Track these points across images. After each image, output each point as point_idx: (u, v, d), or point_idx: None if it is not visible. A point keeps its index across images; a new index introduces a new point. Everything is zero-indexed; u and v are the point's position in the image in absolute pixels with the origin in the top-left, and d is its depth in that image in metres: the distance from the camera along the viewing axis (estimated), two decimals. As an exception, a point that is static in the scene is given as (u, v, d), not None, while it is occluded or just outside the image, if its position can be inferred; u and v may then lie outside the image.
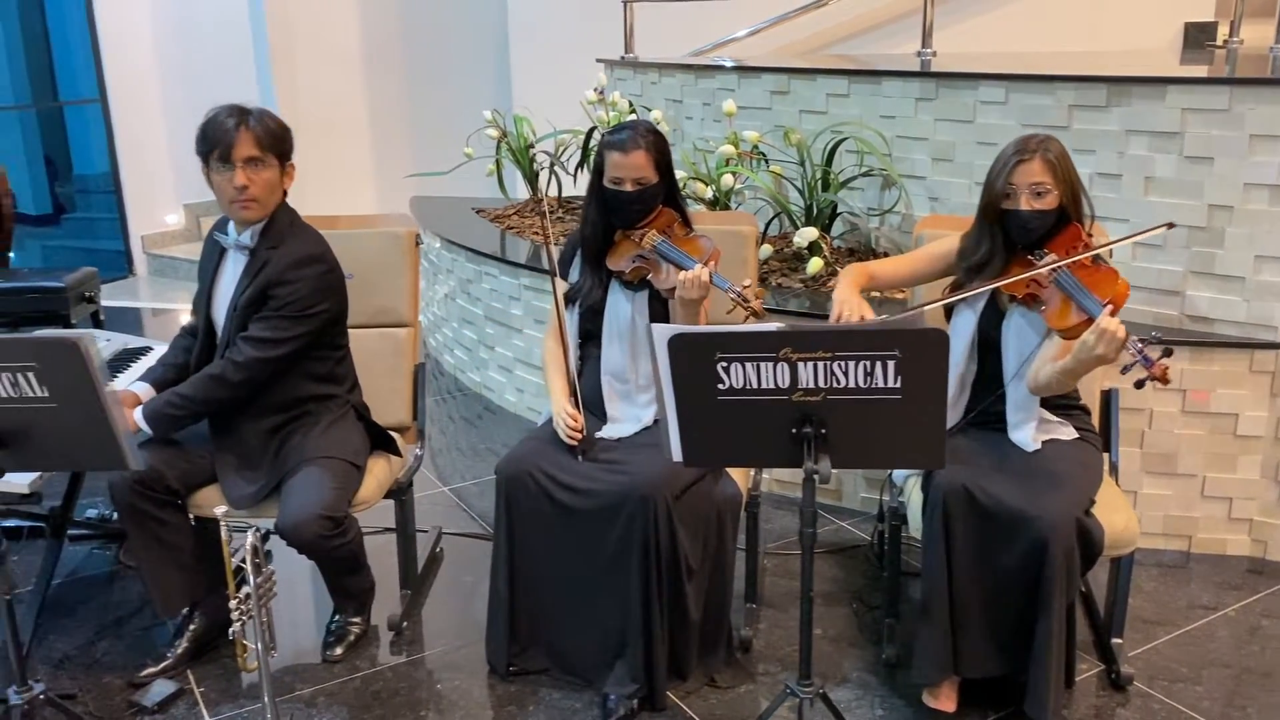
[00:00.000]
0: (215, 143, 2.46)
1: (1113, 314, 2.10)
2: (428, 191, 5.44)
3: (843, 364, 1.81)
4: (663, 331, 1.84)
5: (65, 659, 2.64)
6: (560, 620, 2.48)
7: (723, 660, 2.51)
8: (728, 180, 3.60)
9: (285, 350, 2.47)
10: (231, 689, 2.52)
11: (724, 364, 1.84)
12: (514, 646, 2.52)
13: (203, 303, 2.60)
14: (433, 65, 6.51)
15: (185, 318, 5.98)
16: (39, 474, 2.38)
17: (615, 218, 2.52)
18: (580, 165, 4.46)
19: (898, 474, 2.59)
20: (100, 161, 7.38)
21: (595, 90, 4.50)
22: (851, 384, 1.82)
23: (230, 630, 2.11)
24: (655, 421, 2.51)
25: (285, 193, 2.55)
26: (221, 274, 2.58)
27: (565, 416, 2.45)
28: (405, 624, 2.76)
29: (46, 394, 1.87)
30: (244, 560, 2.10)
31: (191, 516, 2.56)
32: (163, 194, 6.73)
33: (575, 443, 2.43)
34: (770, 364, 1.82)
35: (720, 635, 2.49)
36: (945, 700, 2.32)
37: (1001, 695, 2.36)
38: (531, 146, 4.66)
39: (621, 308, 2.52)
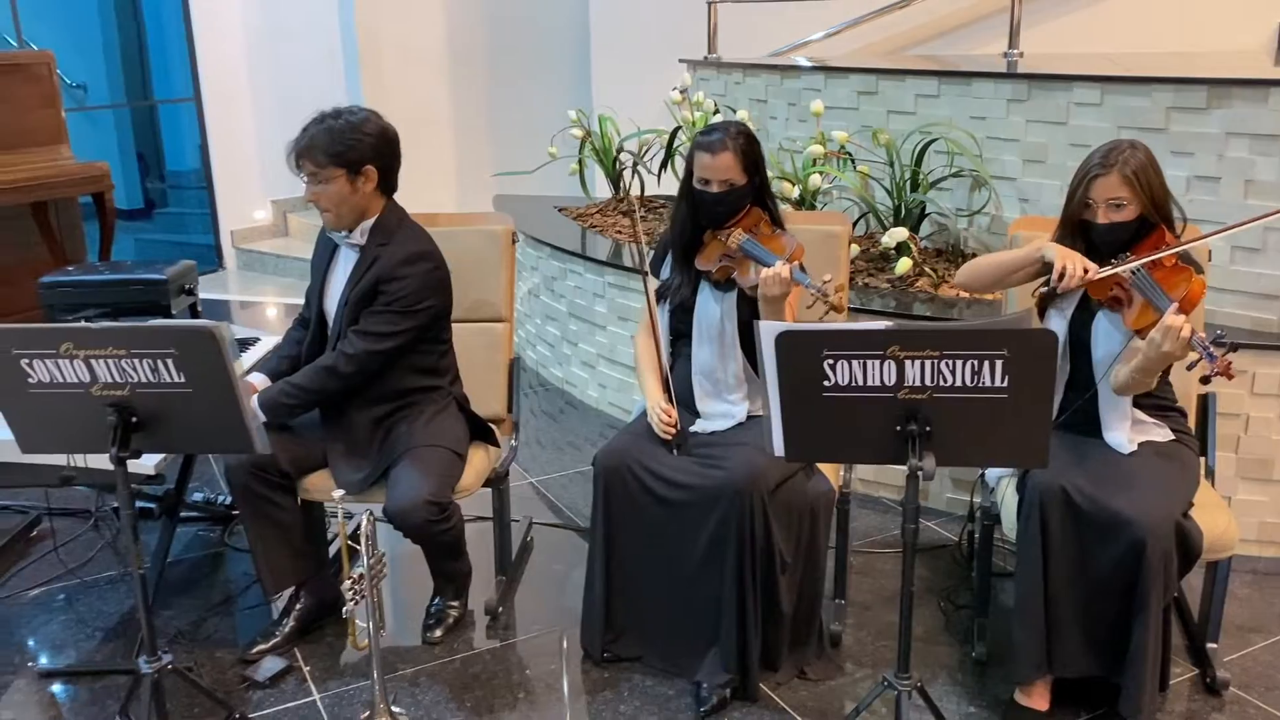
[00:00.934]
0: (291, 161, 2.57)
1: (1180, 312, 2.12)
2: (509, 190, 5.54)
3: (950, 363, 1.84)
4: (770, 329, 1.88)
5: (179, 634, 2.76)
6: (654, 609, 2.54)
7: (813, 654, 2.55)
8: (815, 180, 3.63)
9: (393, 344, 2.56)
10: (336, 666, 2.62)
11: (830, 361, 1.88)
12: (609, 634, 2.58)
13: (315, 296, 2.70)
14: (514, 66, 6.62)
15: (271, 310, 6.18)
16: (164, 456, 2.50)
17: (703, 218, 2.57)
18: (664, 165, 4.51)
19: (991, 474, 2.60)
20: (192, 158, 7.63)
21: (679, 90, 4.55)
22: (958, 382, 1.85)
23: (344, 609, 2.20)
24: (749, 417, 2.57)
25: (385, 191, 2.62)
26: (334, 269, 2.68)
27: (659, 412, 2.51)
28: (501, 609, 2.84)
29: (183, 380, 1.97)
30: (358, 541, 2.20)
31: (300, 500, 2.67)
32: (251, 190, 6.94)
33: (670, 438, 2.49)
34: (877, 362, 1.85)
35: (811, 629, 2.53)
36: (1038, 699, 2.33)
37: (1095, 696, 2.36)
38: (620, 150, 4.72)
39: (710, 308, 2.56)
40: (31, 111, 5.33)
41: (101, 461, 2.39)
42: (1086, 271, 2.28)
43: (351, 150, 2.51)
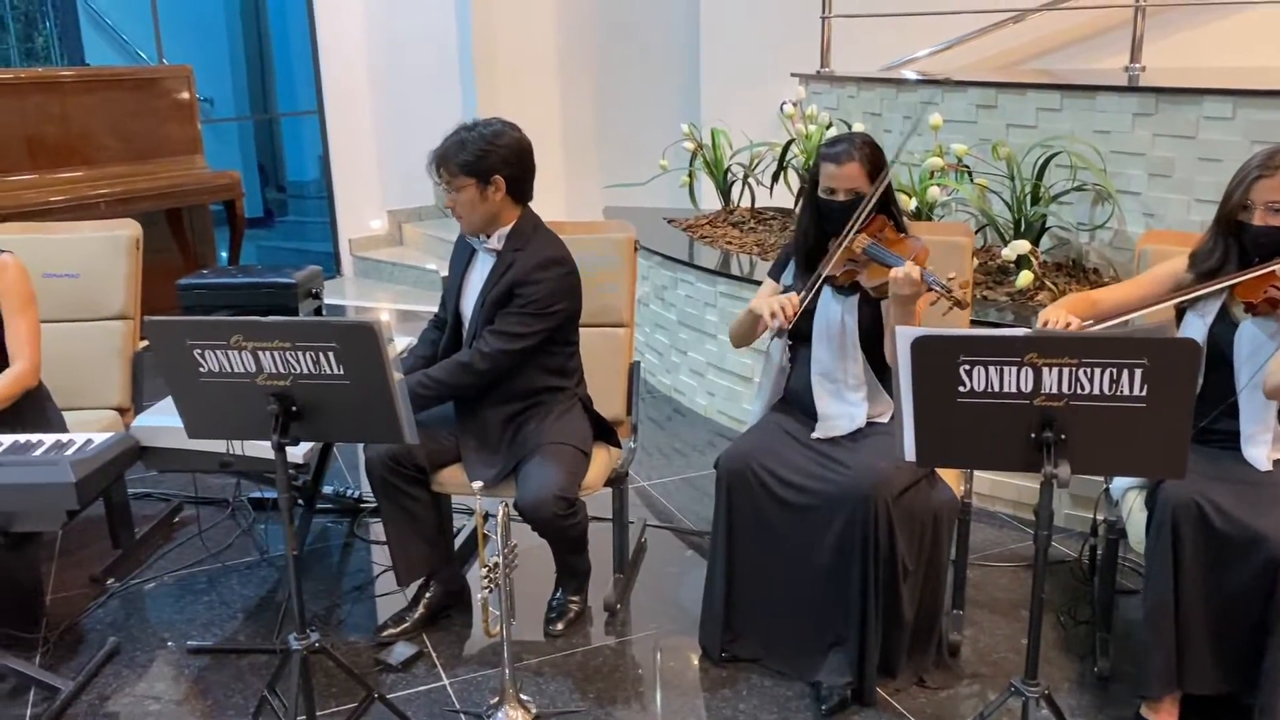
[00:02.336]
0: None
1: None
2: (617, 201, 5.65)
3: (1088, 370, 1.85)
4: (907, 333, 1.92)
5: (314, 618, 2.90)
6: (775, 611, 2.58)
7: (932, 662, 2.56)
8: (934, 192, 3.64)
9: (526, 344, 2.66)
10: (462, 654, 2.73)
11: (966, 367, 1.90)
12: (728, 634, 2.63)
13: (452, 297, 2.82)
14: (623, 79, 6.74)
15: (385, 316, 6.39)
16: (310, 447, 2.63)
17: (828, 225, 2.61)
18: (776, 177, 4.55)
19: (1116, 488, 2.58)
20: (312, 169, 7.95)
21: (792, 104, 4.60)
22: (1096, 391, 1.86)
23: (478, 595, 2.30)
24: (869, 422, 2.60)
25: (517, 198, 2.72)
26: (471, 271, 2.80)
27: (774, 299, 2.50)
28: (619, 606, 2.91)
29: (342, 372, 2.09)
30: (493, 531, 2.30)
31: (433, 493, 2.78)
32: (369, 200, 7.19)
33: (785, 324, 2.46)
34: (1014, 368, 1.87)
35: (931, 637, 2.54)
36: (1166, 715, 2.30)
37: (1224, 714, 2.32)
38: (740, 163, 4.78)
39: (832, 310, 2.60)
40: (171, 123, 5.64)
41: (256, 449, 2.55)
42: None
43: (481, 161, 2.62)
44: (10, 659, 2.54)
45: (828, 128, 4.34)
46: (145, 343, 3.25)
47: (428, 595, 2.83)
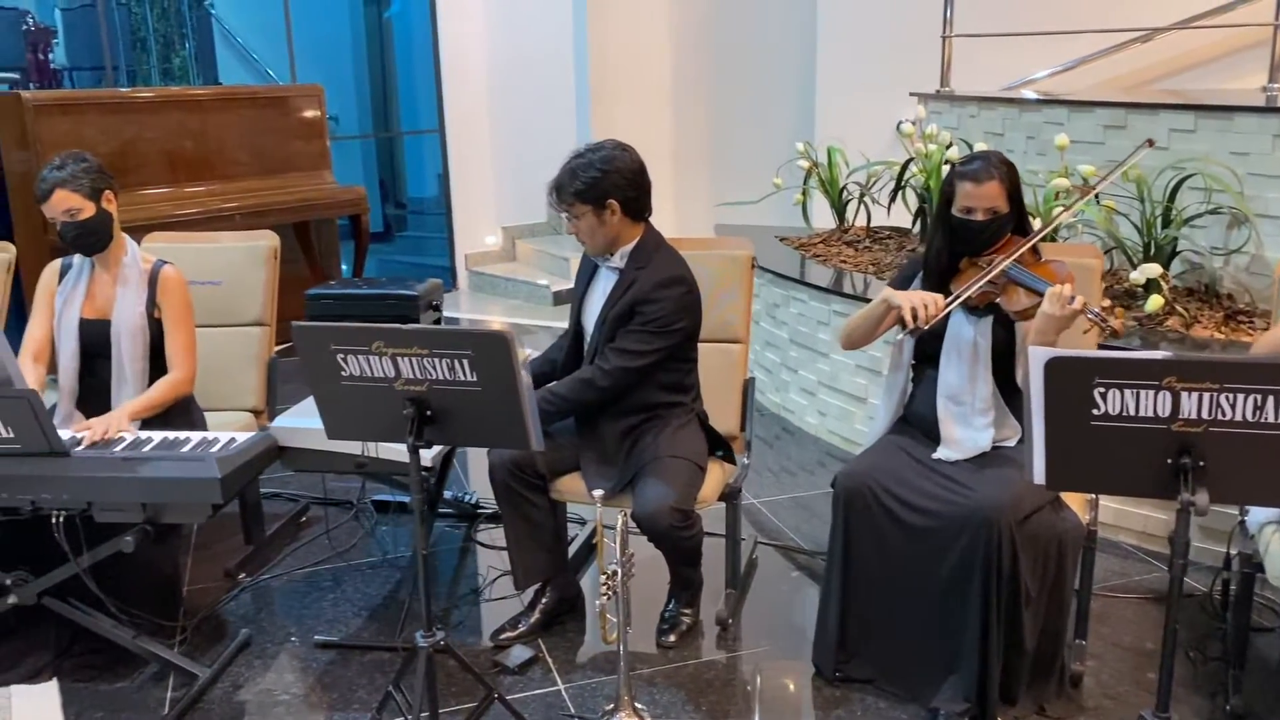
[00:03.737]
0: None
1: None
2: (727, 220, 5.68)
3: (1230, 396, 1.80)
4: (1040, 354, 1.89)
5: (434, 619, 2.97)
6: (891, 633, 2.56)
7: (1053, 691, 2.50)
8: (1059, 214, 3.56)
9: (647, 361, 2.71)
10: (578, 660, 2.77)
11: (1101, 389, 1.87)
12: (842, 654, 2.62)
13: (576, 312, 2.89)
14: (736, 98, 6.78)
15: (497, 327, 6.53)
16: (438, 451, 2.72)
17: (962, 245, 2.59)
18: (894, 196, 4.52)
19: (1252, 520, 2.49)
20: (430, 185, 8.19)
21: (912, 123, 4.57)
22: (1238, 417, 1.81)
23: (597, 603, 2.34)
24: (994, 447, 2.56)
25: (636, 218, 2.77)
26: (593, 288, 2.86)
27: (917, 294, 2.49)
28: (730, 621, 2.92)
29: (475, 378, 2.16)
30: (612, 540, 2.34)
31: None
32: (485, 217, 7.38)
33: (922, 323, 2.45)
34: (1152, 392, 1.83)
35: (1053, 666, 2.49)
36: (1306, 760, 2.21)
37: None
38: (856, 182, 4.77)
39: (964, 331, 2.57)
40: (301, 139, 5.89)
41: (389, 452, 2.65)
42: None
43: (593, 188, 2.69)
44: (154, 645, 2.68)
45: (948, 147, 4.29)
46: (282, 347, 3.40)
47: (544, 600, 2.88)
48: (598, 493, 2.36)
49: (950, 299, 2.47)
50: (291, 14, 6.55)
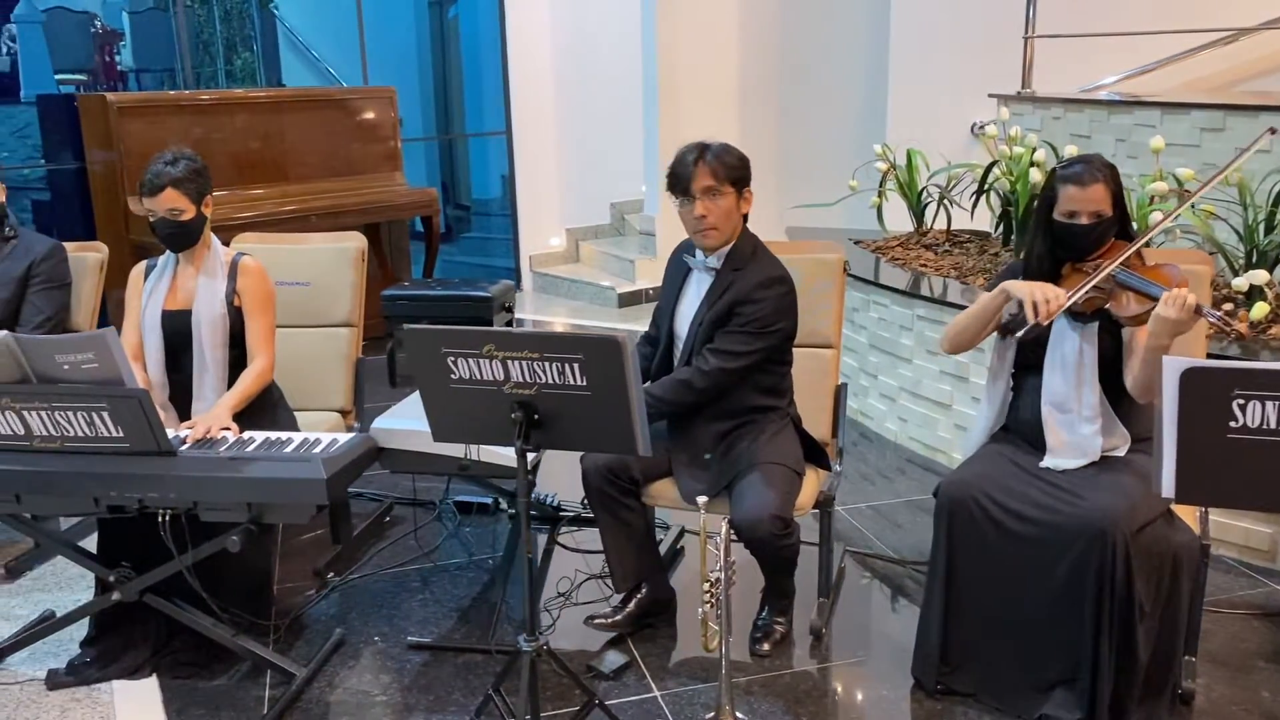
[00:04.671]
0: (678, 179, 2.71)
1: None
2: (797, 223, 5.62)
3: (1381, 409, 1.73)
4: (1176, 364, 1.84)
5: (522, 623, 2.96)
6: (995, 645, 2.51)
7: (1165, 709, 2.43)
8: (1155, 218, 3.49)
9: (746, 363, 2.68)
10: (671, 666, 2.75)
11: (1240, 401, 1.81)
12: (944, 666, 2.57)
13: (666, 316, 2.87)
14: (805, 100, 6.73)
15: (558, 329, 6.54)
16: (537, 454, 2.71)
17: (1064, 250, 2.53)
18: (977, 199, 4.45)
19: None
20: (494, 187, 8.23)
21: (984, 124, 4.49)
22: (1389, 431, 1.74)
23: (699, 610, 2.32)
24: (1103, 456, 2.50)
25: (745, 218, 2.76)
26: (686, 291, 2.83)
27: (1038, 285, 2.43)
28: (824, 630, 2.88)
29: (584, 383, 2.15)
30: (717, 547, 2.31)
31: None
32: (549, 218, 7.40)
33: (1044, 318, 2.39)
34: (1296, 404, 1.77)
35: (1166, 682, 2.42)
36: None
37: None
38: (936, 185, 4.71)
39: (1069, 337, 2.51)
40: (374, 141, 5.94)
41: (490, 455, 2.65)
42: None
43: (744, 171, 2.70)
44: (251, 643, 2.70)
45: (1034, 150, 4.21)
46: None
47: (639, 595, 2.87)
48: (701, 500, 2.34)
49: (1071, 293, 2.40)
50: (371, 16, 6.59)
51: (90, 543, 3.07)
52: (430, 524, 3.60)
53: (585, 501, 3.48)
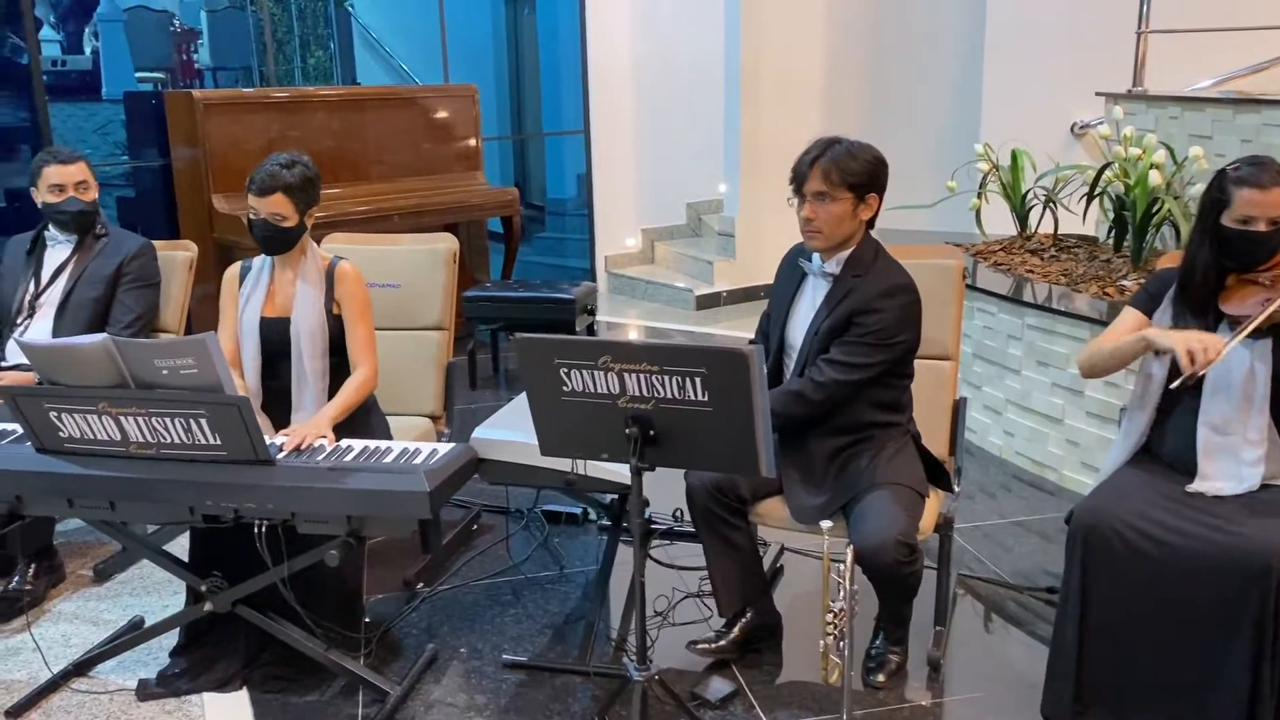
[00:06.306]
0: (795, 176, 2.57)
1: None
2: (886, 225, 5.42)
3: None
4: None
5: (622, 642, 2.84)
6: (1134, 682, 2.32)
7: (1330, 763, 2.23)
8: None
9: (864, 375, 2.52)
10: (778, 695, 2.60)
11: None
12: (1078, 704, 2.39)
13: (777, 325, 2.72)
14: (891, 99, 6.52)
15: (632, 334, 6.42)
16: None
17: (1233, 260, 2.33)
18: (1089, 202, 4.22)
19: None
20: (569, 187, 8.13)
21: (1102, 124, 4.26)
22: None
23: (821, 641, 2.17)
24: (1263, 485, 2.30)
25: (868, 223, 2.60)
26: (800, 298, 2.68)
27: (1192, 335, 2.24)
28: (942, 661, 2.72)
29: (706, 398, 2.02)
30: (839, 575, 2.16)
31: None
32: (625, 219, 7.28)
33: (1202, 366, 2.19)
34: None
35: (1333, 734, 2.22)
36: None
37: None
38: (1043, 187, 4.49)
39: (1238, 354, 2.30)
40: (456, 140, 5.87)
41: (596, 470, 2.52)
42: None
43: (868, 175, 2.53)
44: (344, 658, 2.61)
45: (1155, 150, 3.98)
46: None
47: (744, 619, 2.73)
48: (826, 524, 2.18)
49: (1233, 336, 2.21)
50: (445, 14, 6.53)
51: (174, 547, 3.03)
52: (518, 533, 3.50)
53: (676, 514, 3.38)
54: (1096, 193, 4.16)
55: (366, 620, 2.82)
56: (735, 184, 6.73)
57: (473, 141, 5.90)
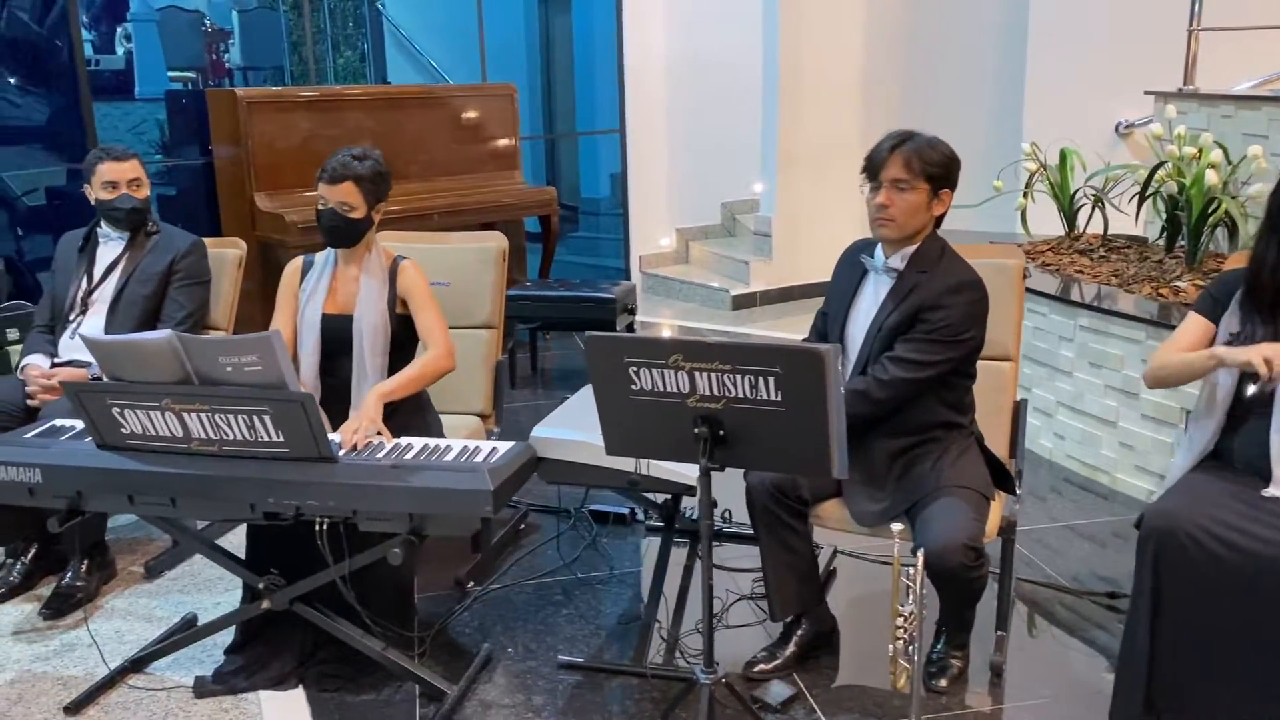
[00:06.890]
0: (870, 163, 2.53)
1: None
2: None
3: None
4: None
5: (677, 643, 2.81)
6: (1210, 691, 2.27)
7: None
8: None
9: (930, 373, 2.48)
10: (839, 698, 2.57)
11: None
12: (1148, 715, 2.34)
13: (837, 322, 2.68)
14: (931, 99, 6.46)
15: (665, 333, 6.39)
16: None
17: None
18: (1141, 202, 4.16)
19: None
20: (602, 186, 8.11)
21: (1153, 122, 4.21)
22: None
23: (890, 646, 2.14)
24: (1343, 492, 2.25)
25: (938, 219, 2.57)
26: (860, 295, 2.65)
27: (1267, 347, 2.19)
28: (1005, 667, 2.68)
29: (779, 398, 1.99)
30: (909, 579, 2.13)
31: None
32: (659, 218, 7.25)
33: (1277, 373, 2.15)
34: None
35: None
36: None
37: None
38: (1095, 187, 4.43)
39: (1310, 358, 2.27)
40: (494, 139, 5.86)
41: (659, 470, 2.50)
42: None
43: (944, 170, 2.51)
44: (401, 657, 2.59)
45: (1210, 149, 3.92)
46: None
47: (799, 633, 2.69)
48: (897, 527, 2.15)
49: None
50: (483, 14, 6.52)
51: (227, 542, 3.02)
52: (567, 532, 3.48)
53: (725, 515, 3.36)
54: (1149, 193, 4.09)
55: (419, 620, 2.80)
56: (772, 184, 6.68)
57: (511, 141, 5.89)
